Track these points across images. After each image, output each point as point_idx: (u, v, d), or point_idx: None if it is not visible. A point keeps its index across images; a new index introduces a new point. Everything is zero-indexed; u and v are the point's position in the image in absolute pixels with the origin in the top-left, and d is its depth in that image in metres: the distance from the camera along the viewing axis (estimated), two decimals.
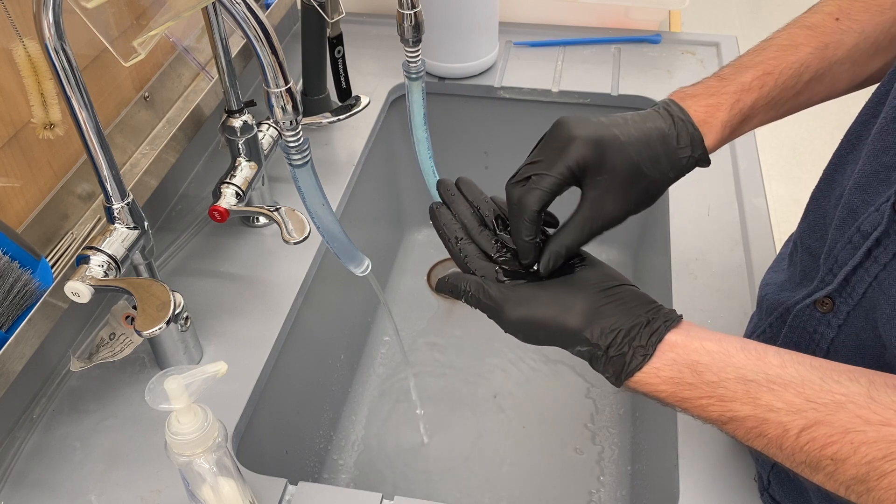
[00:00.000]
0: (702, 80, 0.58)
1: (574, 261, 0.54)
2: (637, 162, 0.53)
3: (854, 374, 0.44)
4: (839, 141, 0.57)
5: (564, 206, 0.55)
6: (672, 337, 0.48)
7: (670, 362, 0.47)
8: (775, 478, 0.60)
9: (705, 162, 0.56)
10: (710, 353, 0.47)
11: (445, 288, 0.55)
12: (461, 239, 0.57)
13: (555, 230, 0.54)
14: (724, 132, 0.56)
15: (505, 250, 0.55)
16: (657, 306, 0.50)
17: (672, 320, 0.49)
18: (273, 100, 0.50)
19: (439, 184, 0.61)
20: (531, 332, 0.51)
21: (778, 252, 0.71)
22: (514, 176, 0.54)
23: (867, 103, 0.55)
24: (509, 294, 0.52)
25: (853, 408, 0.42)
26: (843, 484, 0.42)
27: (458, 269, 0.56)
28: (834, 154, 0.57)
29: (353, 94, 1.01)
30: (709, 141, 0.55)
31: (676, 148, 0.54)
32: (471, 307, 0.54)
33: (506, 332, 0.53)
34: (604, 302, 0.50)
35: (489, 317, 0.53)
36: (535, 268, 0.54)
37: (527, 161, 0.54)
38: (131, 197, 0.64)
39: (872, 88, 0.55)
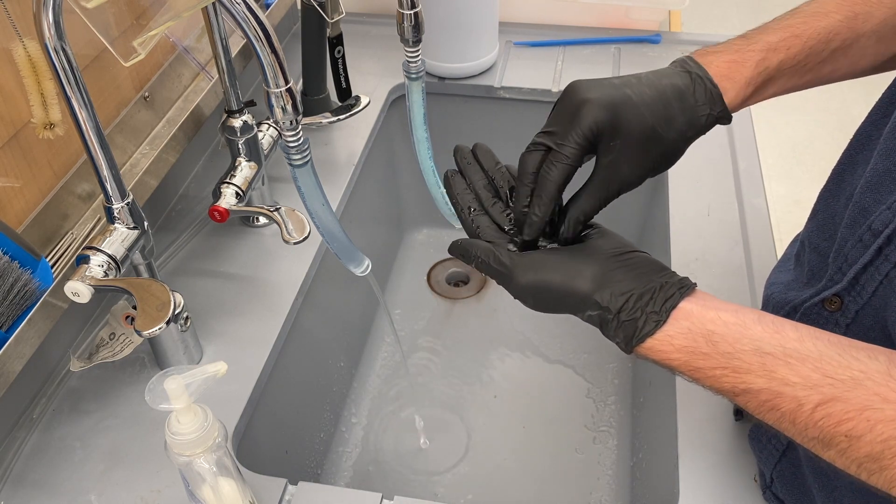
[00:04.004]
0: (726, 41, 0.58)
1: (587, 231, 0.54)
2: (652, 123, 0.52)
3: (873, 352, 0.43)
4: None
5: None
6: (687, 305, 0.47)
7: (685, 331, 0.47)
8: (778, 475, 0.60)
9: (726, 119, 0.55)
10: (726, 324, 0.46)
11: (456, 252, 0.55)
12: (474, 210, 0.57)
13: (571, 198, 0.54)
14: (748, 90, 0.55)
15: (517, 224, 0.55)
16: (670, 273, 0.50)
17: (687, 287, 0.48)
18: (273, 100, 0.50)
19: (456, 150, 0.61)
20: (540, 297, 0.51)
21: (781, 252, 0.71)
22: (529, 146, 0.54)
23: (878, 102, 0.55)
24: (519, 260, 0.51)
25: (871, 385, 0.41)
26: (856, 461, 0.42)
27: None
28: (843, 154, 0.57)
29: (353, 94, 1.01)
30: (731, 96, 0.55)
31: (694, 105, 0.53)
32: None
33: (515, 297, 0.52)
34: (615, 266, 0.49)
35: (498, 282, 0.53)
36: (544, 242, 0.54)
37: (542, 129, 0.54)
38: (131, 197, 0.64)
39: (881, 89, 0.55)
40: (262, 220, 0.88)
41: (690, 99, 0.53)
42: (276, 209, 0.77)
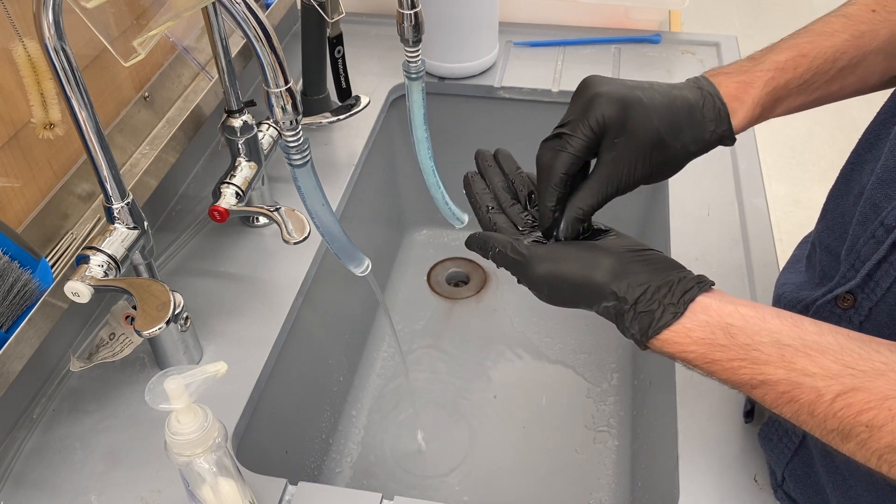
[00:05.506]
0: (735, 62, 0.58)
1: (602, 234, 0.54)
2: (658, 128, 0.53)
3: (894, 346, 0.43)
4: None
5: None
6: (705, 299, 0.47)
7: (702, 324, 0.47)
8: (790, 474, 0.60)
9: (729, 140, 0.55)
10: (745, 317, 0.46)
11: (474, 244, 0.55)
12: (492, 209, 0.58)
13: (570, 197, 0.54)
14: (756, 111, 0.56)
15: (534, 225, 0.56)
16: (688, 270, 0.50)
17: (705, 283, 0.48)
18: (273, 100, 0.50)
19: (477, 154, 0.62)
20: (556, 287, 0.51)
21: (782, 252, 0.70)
22: (544, 139, 0.54)
23: (887, 102, 0.55)
24: (537, 250, 0.52)
25: (894, 375, 0.41)
26: (876, 453, 0.41)
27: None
28: (851, 153, 0.57)
29: (353, 94, 1.01)
30: (739, 117, 0.55)
31: (702, 121, 0.54)
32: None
33: (530, 288, 0.53)
34: (632, 260, 0.50)
35: (514, 273, 0.53)
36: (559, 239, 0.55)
37: (559, 123, 0.54)
38: (131, 197, 0.64)
39: (882, 90, 0.55)
40: (262, 220, 0.88)
41: (699, 114, 0.54)
42: (276, 209, 0.77)
